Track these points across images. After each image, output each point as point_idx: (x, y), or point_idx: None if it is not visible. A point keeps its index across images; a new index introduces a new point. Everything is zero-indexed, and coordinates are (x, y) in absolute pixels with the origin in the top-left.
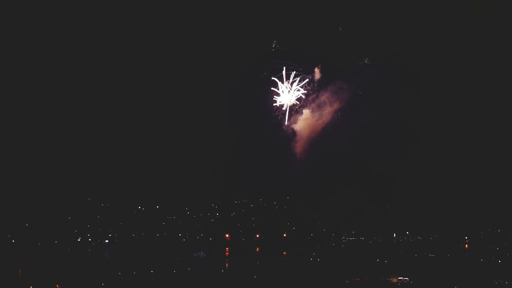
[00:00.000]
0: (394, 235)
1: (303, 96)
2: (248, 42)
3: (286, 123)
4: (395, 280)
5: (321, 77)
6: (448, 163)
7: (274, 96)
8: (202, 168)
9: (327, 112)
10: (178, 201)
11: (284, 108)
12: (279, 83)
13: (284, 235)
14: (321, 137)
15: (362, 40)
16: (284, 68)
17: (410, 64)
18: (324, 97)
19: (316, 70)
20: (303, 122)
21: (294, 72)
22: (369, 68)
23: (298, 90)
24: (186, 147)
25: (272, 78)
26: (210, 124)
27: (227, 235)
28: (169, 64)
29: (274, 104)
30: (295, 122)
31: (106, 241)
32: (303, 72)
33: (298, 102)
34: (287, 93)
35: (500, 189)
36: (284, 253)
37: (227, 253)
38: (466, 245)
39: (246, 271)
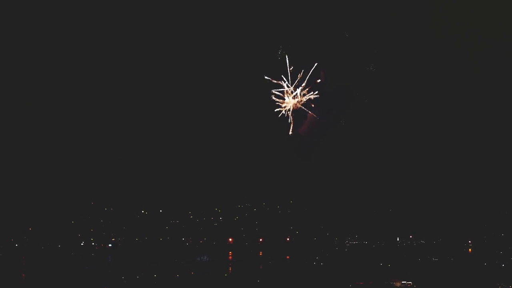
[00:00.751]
0: (398, 239)
1: (310, 101)
2: (252, 44)
3: (291, 128)
4: (398, 284)
5: (325, 80)
6: (452, 166)
7: (277, 101)
8: (205, 172)
9: (332, 116)
10: (181, 205)
11: (289, 113)
12: (285, 87)
13: (288, 239)
14: (326, 140)
15: (369, 46)
16: (289, 71)
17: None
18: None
19: (321, 73)
20: (307, 126)
21: (299, 75)
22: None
23: (304, 94)
24: (189, 150)
25: (276, 81)
26: (213, 127)
27: (230, 239)
28: (168, 64)
29: (278, 109)
30: (299, 126)
31: (110, 245)
32: (308, 75)
33: (303, 107)
34: (292, 98)
35: (504, 192)
36: (288, 257)
37: (230, 257)
38: (470, 249)
39: (250, 275)
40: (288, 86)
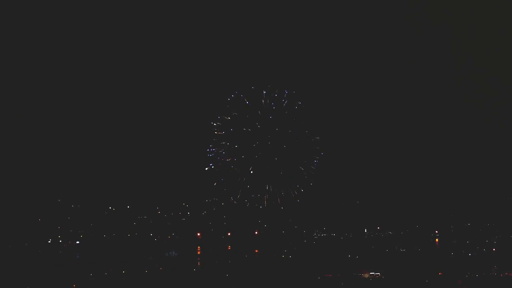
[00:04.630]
0: (365, 231)
1: None
2: None
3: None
4: (367, 275)
5: None
6: (417, 157)
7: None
8: (172, 167)
9: None
10: (149, 201)
11: None
12: None
13: (256, 232)
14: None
15: None
16: None
17: None
18: None
19: None
20: None
21: None
22: None
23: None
24: (155, 146)
25: None
26: (179, 124)
27: (198, 234)
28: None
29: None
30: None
31: (77, 242)
32: None
33: None
34: None
35: (469, 183)
36: (256, 250)
37: (199, 252)
38: (437, 239)
39: (218, 269)
40: None
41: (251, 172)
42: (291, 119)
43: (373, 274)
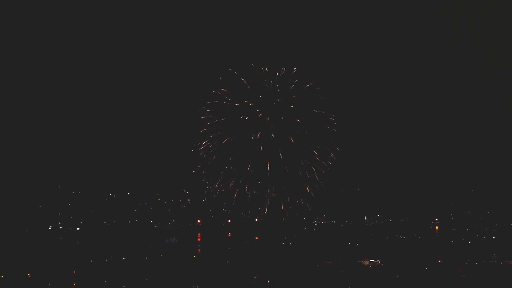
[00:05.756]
0: (365, 218)
1: None
2: None
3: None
4: (366, 262)
5: None
6: (417, 145)
7: None
8: (172, 155)
9: None
10: (149, 188)
11: None
12: None
13: (256, 219)
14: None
15: None
16: None
17: None
18: None
19: None
20: None
21: None
22: None
23: None
24: (156, 134)
25: None
26: (178, 113)
27: (198, 221)
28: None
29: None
30: None
31: (78, 228)
32: None
33: None
34: None
35: (469, 171)
36: (256, 237)
37: (199, 239)
38: (437, 227)
39: (218, 256)
40: None
41: (250, 171)
42: (301, 104)
43: (373, 261)
